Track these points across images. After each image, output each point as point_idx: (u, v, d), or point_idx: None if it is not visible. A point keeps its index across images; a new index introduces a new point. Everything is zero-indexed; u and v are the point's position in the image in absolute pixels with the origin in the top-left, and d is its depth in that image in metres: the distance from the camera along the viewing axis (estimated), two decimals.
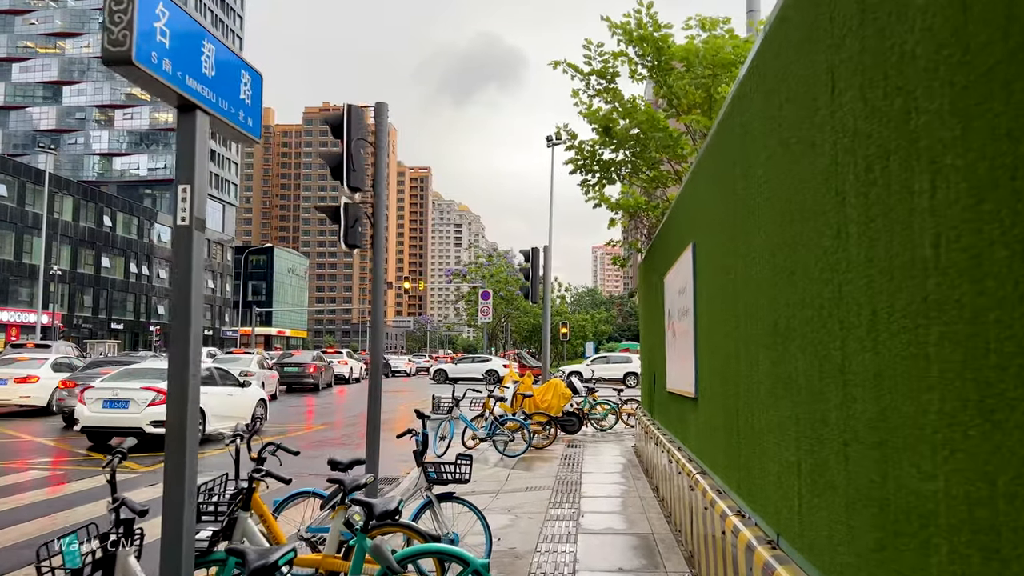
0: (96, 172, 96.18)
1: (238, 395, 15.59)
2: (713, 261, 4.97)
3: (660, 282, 8.45)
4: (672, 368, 7.58)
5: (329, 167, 6.45)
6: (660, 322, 8.74)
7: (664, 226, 8.27)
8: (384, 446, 13.44)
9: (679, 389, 6.85)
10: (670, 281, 7.64)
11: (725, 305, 4.53)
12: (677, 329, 7.06)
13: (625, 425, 16.30)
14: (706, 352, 5.36)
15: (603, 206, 11.39)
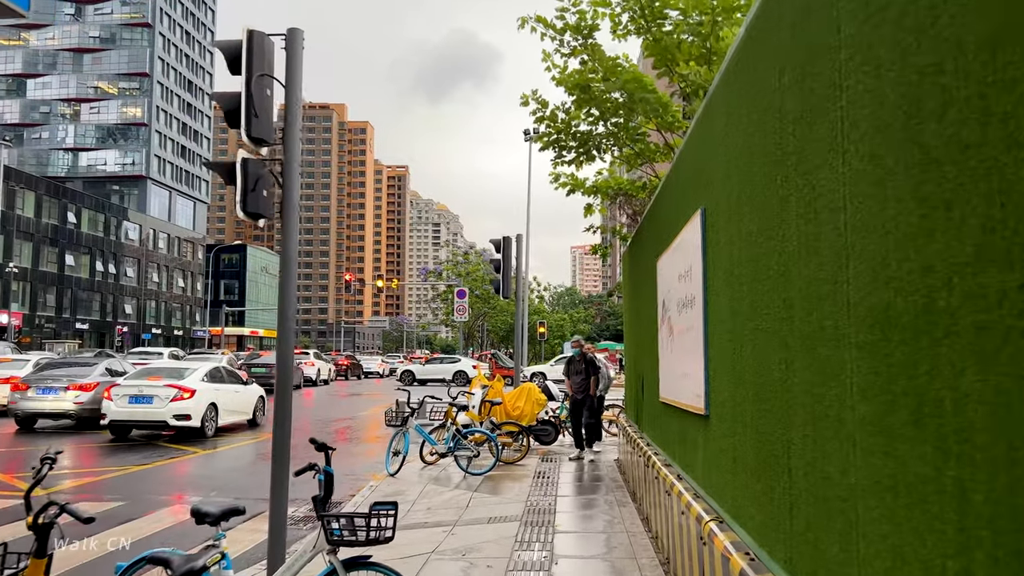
0: (61, 168, 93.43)
1: (243, 392, 17.30)
2: (738, 227, 3.51)
3: (652, 267, 6.99)
4: (668, 373, 6.11)
5: (224, 112, 4.95)
6: (651, 317, 7.27)
7: (657, 199, 6.81)
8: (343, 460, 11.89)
9: (679, 401, 5.37)
10: (665, 265, 6.17)
11: (762, 287, 3.06)
12: (676, 324, 5.58)
13: (607, 433, 14.81)
14: (724, 353, 3.89)
15: (578, 192, 9.91)
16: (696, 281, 4.64)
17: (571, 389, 11.70)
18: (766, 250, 3.02)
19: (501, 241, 13.31)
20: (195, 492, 9.44)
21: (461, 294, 32.69)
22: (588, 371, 11.36)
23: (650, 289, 7.30)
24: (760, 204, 3.09)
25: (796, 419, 2.64)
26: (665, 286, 6.22)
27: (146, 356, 35.72)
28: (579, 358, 11.59)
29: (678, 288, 5.46)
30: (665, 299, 6.22)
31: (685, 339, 5.15)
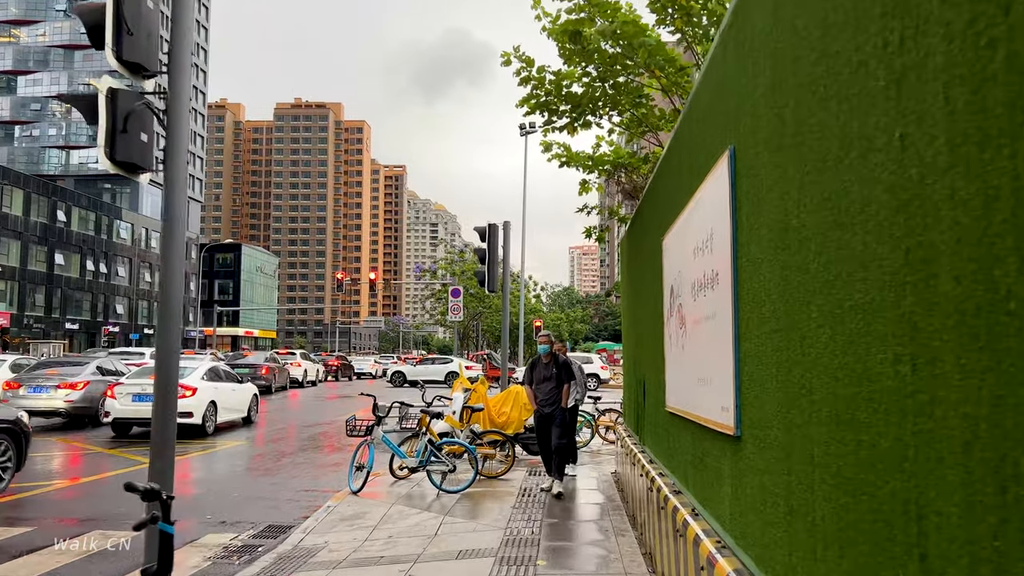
0: (52, 166, 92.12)
1: (239, 390, 18.05)
2: (798, 154, 2.26)
3: (656, 249, 5.74)
4: (678, 376, 4.86)
5: (86, 29, 3.71)
6: (654, 309, 6.02)
7: (663, 164, 5.56)
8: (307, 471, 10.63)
9: (695, 413, 4.12)
10: (674, 243, 4.93)
11: (854, 237, 1.81)
12: (690, 314, 4.33)
13: (603, 440, 13.56)
14: (768, 349, 2.65)
15: (571, 165, 8.63)
16: (722, 250, 3.38)
17: (534, 401, 9.10)
18: (861, 175, 1.76)
19: (486, 229, 11.99)
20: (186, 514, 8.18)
21: (456, 293, 31.43)
22: (560, 377, 8.88)
23: (654, 275, 6.04)
24: (854, 97, 1.83)
25: (938, 464, 1.38)
26: (674, 268, 4.96)
27: (127, 356, 34.55)
28: (547, 359, 9.01)
29: (693, 267, 4.21)
30: (674, 284, 4.96)
31: (703, 331, 3.90)
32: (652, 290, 6.18)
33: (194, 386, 15.72)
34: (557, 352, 9.26)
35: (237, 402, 17.86)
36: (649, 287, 6.41)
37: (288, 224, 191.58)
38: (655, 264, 5.89)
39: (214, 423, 16.21)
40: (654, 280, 6.02)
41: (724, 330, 3.37)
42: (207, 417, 15.86)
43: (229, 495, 9.14)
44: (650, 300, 6.35)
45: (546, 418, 8.95)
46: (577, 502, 8.20)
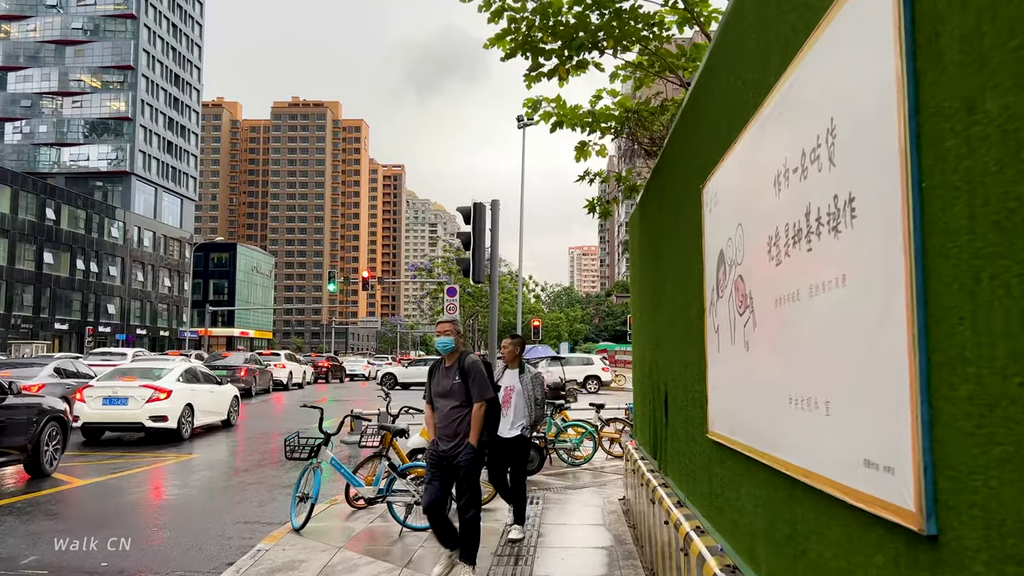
0: (42, 163, 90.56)
1: (218, 392, 17.33)
2: None
3: (691, 204, 4.03)
4: (737, 390, 3.17)
5: None
6: (686, 293, 4.34)
7: (704, 76, 3.85)
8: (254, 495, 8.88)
9: (784, 459, 2.40)
10: (727, 184, 3.27)
11: None
12: (767, 288, 2.64)
13: (607, 454, 11.82)
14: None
15: (566, 125, 6.84)
16: (869, 151, 1.68)
17: (431, 430, 5.81)
18: None
19: (471, 209, 10.21)
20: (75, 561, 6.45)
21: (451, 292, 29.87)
22: (465, 391, 5.49)
23: (685, 245, 4.33)
24: None
25: None
26: (726, 225, 3.26)
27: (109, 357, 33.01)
28: (450, 362, 5.70)
29: (773, 207, 2.51)
30: (727, 249, 3.26)
31: (806, 313, 2.20)
32: (682, 267, 4.47)
33: (168, 388, 14.96)
34: (467, 352, 5.77)
35: (215, 404, 17.08)
36: (676, 264, 4.69)
37: (285, 224, 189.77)
38: (689, 227, 4.18)
39: (190, 427, 15.39)
40: (686, 252, 4.30)
41: (876, 307, 1.66)
42: (183, 421, 15.04)
43: (145, 529, 7.43)
44: (678, 282, 4.63)
45: (443, 460, 5.51)
46: (577, 545, 6.45)
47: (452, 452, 5.47)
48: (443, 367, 5.67)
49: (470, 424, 5.46)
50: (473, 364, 5.53)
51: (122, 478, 10.59)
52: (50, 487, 9.72)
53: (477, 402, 5.45)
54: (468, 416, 5.47)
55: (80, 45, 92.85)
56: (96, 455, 13.02)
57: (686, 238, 4.30)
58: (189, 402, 15.41)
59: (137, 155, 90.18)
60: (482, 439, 5.54)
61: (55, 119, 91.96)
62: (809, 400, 2.15)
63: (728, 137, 3.23)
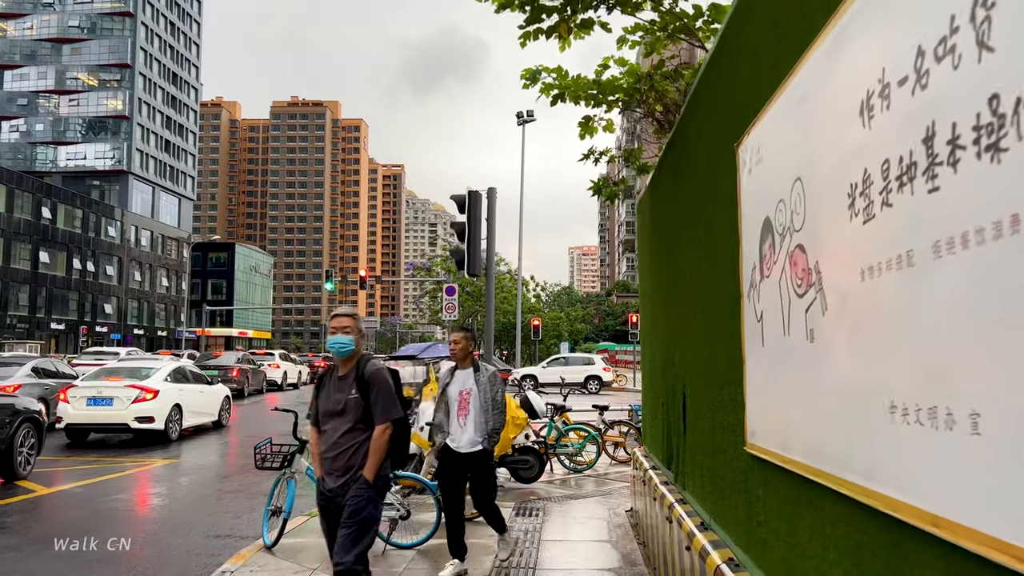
0: (39, 162, 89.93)
1: (208, 392, 16.95)
2: None
3: (722, 168, 3.34)
4: (797, 394, 2.47)
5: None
6: (713, 276, 3.67)
7: (741, 8, 3.17)
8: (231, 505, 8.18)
9: (886, 494, 1.70)
10: (778, 134, 2.56)
11: None
12: (849, 256, 1.92)
13: (610, 459, 11.13)
14: None
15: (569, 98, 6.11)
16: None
17: (317, 464, 4.26)
18: None
19: (466, 197, 9.49)
20: None
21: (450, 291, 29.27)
22: (364, 407, 4.04)
23: (713, 219, 3.65)
24: None
25: None
26: (777, 183, 2.58)
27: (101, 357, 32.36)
28: (344, 370, 4.19)
29: (859, 141, 1.82)
30: (775, 215, 2.58)
31: (927, 282, 1.51)
32: (707, 247, 3.78)
33: (156, 388, 14.51)
34: (369, 357, 4.25)
35: (205, 405, 16.66)
36: (699, 244, 4.01)
37: (284, 223, 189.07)
38: (717, 198, 3.50)
39: (178, 428, 14.89)
40: (713, 228, 3.62)
41: None
42: (170, 422, 14.56)
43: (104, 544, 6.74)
44: (701, 265, 3.95)
45: (331, 503, 4.08)
46: (580, 567, 5.74)
47: (341, 491, 3.94)
48: (335, 377, 4.13)
49: (362, 450, 3.95)
50: (376, 373, 4.01)
51: (96, 485, 9.91)
52: (12, 495, 9.04)
53: (380, 423, 3.92)
54: (366, 443, 3.95)
55: (77, 43, 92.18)
56: (77, 458, 12.39)
57: (713, 212, 3.62)
58: (177, 402, 14.92)
59: (135, 154, 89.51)
60: (381, 474, 4.02)
61: (52, 118, 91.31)
62: (934, 411, 1.46)
63: (774, 77, 2.56)
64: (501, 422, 5.57)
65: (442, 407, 5.65)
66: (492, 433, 5.52)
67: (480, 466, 5.53)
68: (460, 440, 5.51)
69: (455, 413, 5.55)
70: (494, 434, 5.54)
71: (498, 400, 5.57)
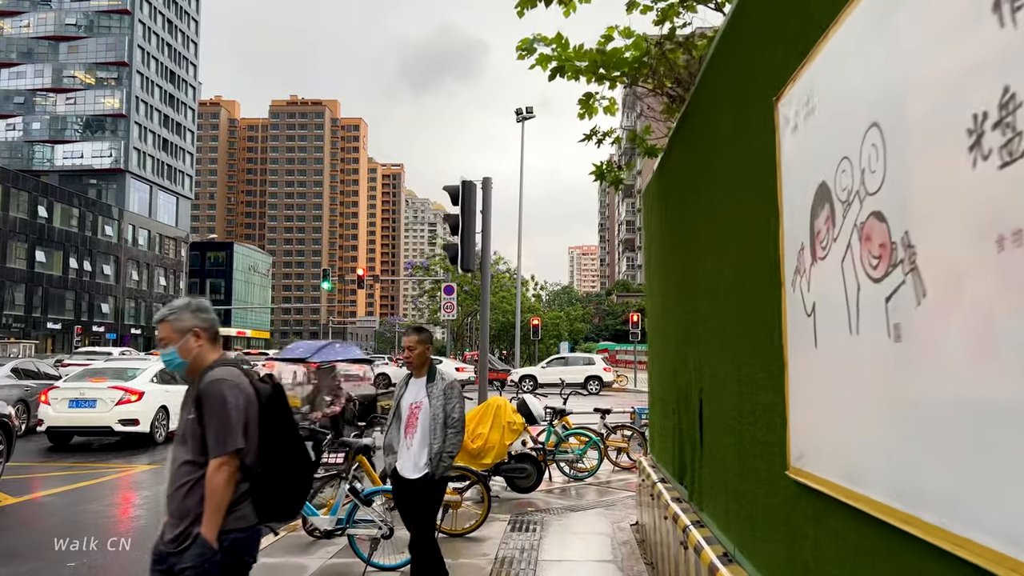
0: (36, 160, 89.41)
1: None
2: None
3: (757, 130, 2.76)
4: (867, 405, 1.86)
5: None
6: (736, 260, 3.10)
7: None
8: None
9: None
10: (840, 74, 1.95)
11: None
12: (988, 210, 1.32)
13: (613, 465, 10.56)
14: None
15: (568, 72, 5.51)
16: None
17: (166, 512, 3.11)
18: None
19: (459, 188, 8.90)
20: None
21: (448, 290, 28.82)
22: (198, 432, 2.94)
23: (743, 192, 3.08)
24: None
25: None
26: (839, 137, 2.00)
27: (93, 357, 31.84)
28: None
29: (994, 53, 1.22)
30: (836, 178, 2.00)
31: None
32: (734, 228, 3.21)
33: (140, 390, 14.16)
34: (219, 364, 3.10)
35: None
36: (722, 226, 3.43)
37: (284, 223, 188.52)
38: (747, 168, 2.93)
39: (165, 431, 14.42)
40: (743, 204, 3.04)
41: None
42: (156, 424, 14.18)
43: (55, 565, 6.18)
44: (726, 250, 3.37)
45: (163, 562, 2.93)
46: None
47: (175, 548, 2.86)
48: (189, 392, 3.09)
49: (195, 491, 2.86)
50: (211, 386, 2.93)
51: (66, 493, 9.34)
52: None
53: (212, 457, 2.84)
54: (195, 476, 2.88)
55: (74, 41, 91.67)
56: (56, 463, 11.89)
57: (741, 186, 3.05)
58: (164, 404, 14.48)
59: (132, 152, 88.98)
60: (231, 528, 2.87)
61: (48, 116, 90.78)
62: None
63: (832, 6, 1.99)
64: (455, 444, 4.63)
65: (394, 423, 4.80)
66: (439, 456, 4.53)
67: (424, 495, 4.58)
68: (405, 463, 4.66)
69: (403, 430, 4.72)
70: (443, 457, 4.55)
71: (453, 417, 4.61)
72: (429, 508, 4.63)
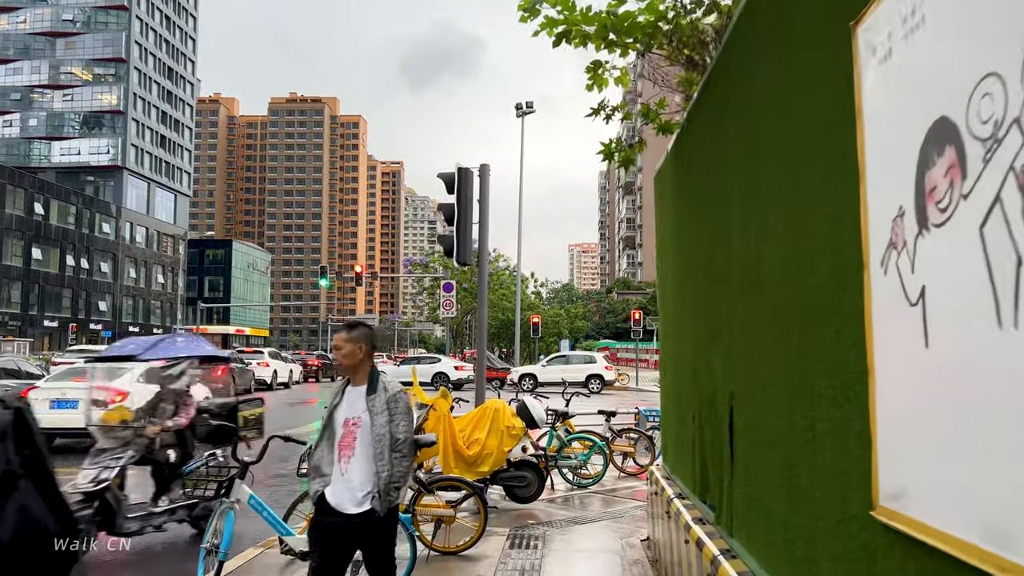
0: (32, 157, 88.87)
1: None
2: None
3: (824, 70, 2.16)
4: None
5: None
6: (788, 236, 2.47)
7: None
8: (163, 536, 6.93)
9: None
10: None
11: None
12: None
13: (619, 471, 9.97)
14: None
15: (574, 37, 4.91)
16: None
17: None
18: None
19: (454, 176, 8.29)
20: None
21: (448, 287, 28.26)
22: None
23: (787, 152, 2.48)
24: None
25: None
26: (975, 50, 1.38)
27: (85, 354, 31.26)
28: None
29: None
30: (963, 114, 1.39)
31: None
32: (788, 191, 2.61)
33: (125, 390, 13.07)
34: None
35: None
36: (766, 190, 2.84)
37: (283, 220, 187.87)
38: (815, 109, 2.32)
39: None
40: (805, 158, 2.43)
41: None
42: None
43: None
44: (773, 225, 2.78)
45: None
46: None
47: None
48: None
49: None
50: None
51: None
52: None
53: None
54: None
55: (71, 37, 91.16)
56: None
57: (796, 144, 2.45)
58: None
59: (129, 149, 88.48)
60: None
61: (46, 113, 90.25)
62: None
63: None
64: (403, 471, 3.63)
65: (324, 440, 3.78)
66: (388, 487, 3.56)
67: (371, 539, 3.64)
68: (339, 493, 3.63)
69: (336, 450, 3.71)
70: (390, 489, 3.57)
71: (398, 439, 3.58)
72: (383, 554, 3.72)
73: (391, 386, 3.71)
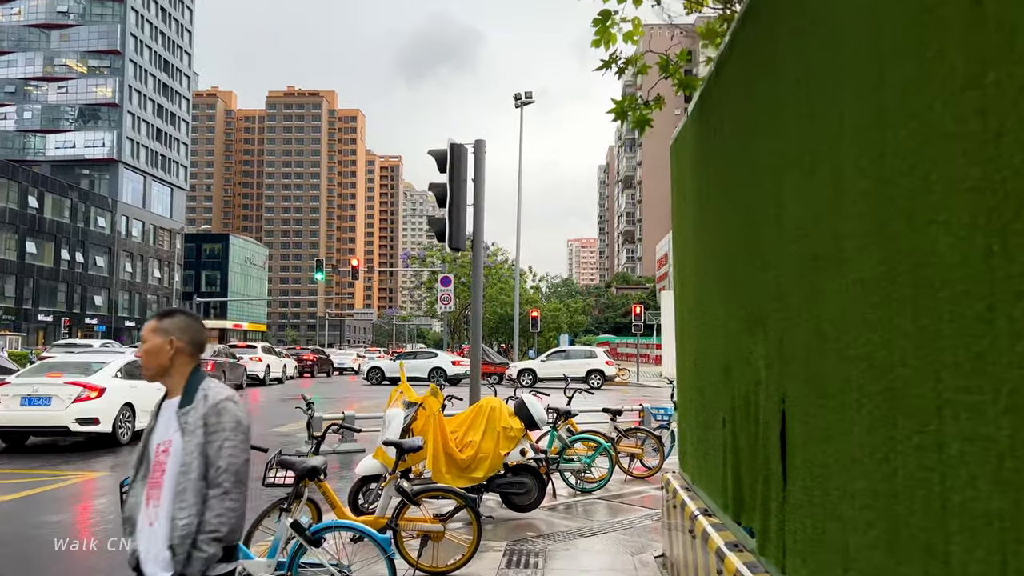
0: (27, 150, 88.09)
1: None
2: None
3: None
4: None
5: None
6: (861, 188, 1.73)
7: None
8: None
9: None
10: None
11: None
12: None
13: (626, 474, 9.27)
14: None
15: None
16: None
17: None
18: None
19: (447, 152, 7.54)
20: None
21: (445, 281, 27.64)
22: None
23: (915, 85, 1.76)
24: None
25: None
26: None
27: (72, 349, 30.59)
28: None
29: None
30: None
31: None
32: (876, 142, 1.90)
33: (101, 386, 13.01)
34: None
35: None
36: (841, 146, 2.13)
37: (281, 215, 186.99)
38: (920, 31, 1.60)
39: (130, 430, 13.41)
40: (897, 101, 1.72)
41: None
42: (120, 423, 13.15)
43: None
44: (844, 184, 2.07)
45: None
46: None
47: None
48: None
49: None
50: None
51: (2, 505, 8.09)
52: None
53: None
54: None
55: (66, 29, 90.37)
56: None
57: (891, 69, 1.74)
58: (129, 401, 13.41)
59: (125, 142, 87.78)
60: None
61: (40, 105, 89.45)
62: None
63: None
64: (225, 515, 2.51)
65: (139, 477, 2.71)
66: (196, 540, 2.48)
67: None
68: (145, 550, 2.58)
69: (145, 490, 2.67)
70: (200, 543, 2.48)
71: (218, 466, 2.52)
72: None
73: (214, 393, 2.63)
